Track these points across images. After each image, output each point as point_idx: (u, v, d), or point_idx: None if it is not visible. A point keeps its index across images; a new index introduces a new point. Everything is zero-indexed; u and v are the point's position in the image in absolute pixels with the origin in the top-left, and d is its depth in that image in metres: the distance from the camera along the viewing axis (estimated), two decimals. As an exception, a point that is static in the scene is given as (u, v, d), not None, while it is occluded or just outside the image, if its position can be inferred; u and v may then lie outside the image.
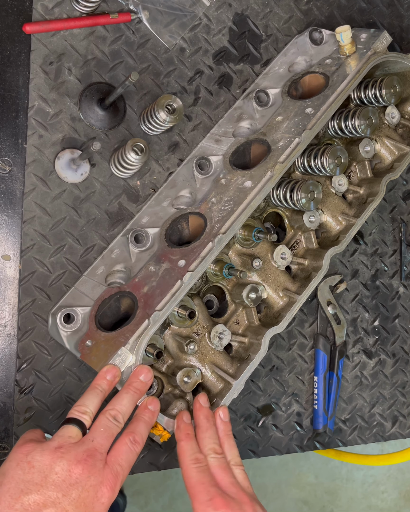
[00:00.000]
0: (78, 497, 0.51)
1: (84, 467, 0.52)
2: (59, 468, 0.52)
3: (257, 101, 0.80)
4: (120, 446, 0.56)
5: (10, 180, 0.70)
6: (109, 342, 0.64)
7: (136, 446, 0.57)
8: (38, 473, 0.52)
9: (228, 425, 0.67)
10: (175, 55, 0.79)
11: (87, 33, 0.74)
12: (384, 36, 0.78)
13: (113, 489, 0.54)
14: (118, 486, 0.54)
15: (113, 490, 0.53)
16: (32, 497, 0.50)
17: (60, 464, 0.52)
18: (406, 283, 0.98)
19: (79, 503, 0.51)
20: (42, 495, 0.51)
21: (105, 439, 0.55)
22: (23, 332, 0.71)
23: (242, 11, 0.83)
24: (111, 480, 0.53)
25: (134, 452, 0.57)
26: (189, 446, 0.64)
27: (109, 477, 0.53)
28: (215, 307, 0.79)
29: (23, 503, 0.50)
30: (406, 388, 0.99)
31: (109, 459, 0.55)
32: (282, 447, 0.89)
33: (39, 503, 0.50)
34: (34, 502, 0.50)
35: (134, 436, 0.58)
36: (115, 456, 0.55)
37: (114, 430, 0.57)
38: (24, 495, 0.50)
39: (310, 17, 0.87)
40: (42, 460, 0.53)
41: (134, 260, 0.72)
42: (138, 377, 0.60)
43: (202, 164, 0.76)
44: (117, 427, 0.57)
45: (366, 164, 0.86)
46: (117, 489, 0.54)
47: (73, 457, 0.53)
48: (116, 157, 0.73)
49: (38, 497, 0.50)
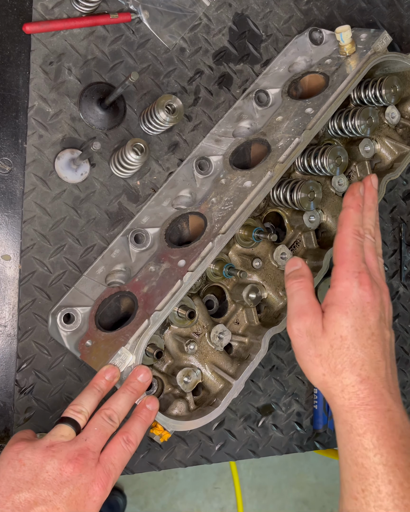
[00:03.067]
0: (69, 495, 0.51)
1: (76, 466, 0.52)
2: (50, 466, 0.52)
3: (257, 101, 0.80)
4: (113, 445, 0.56)
5: (10, 180, 0.70)
6: (109, 342, 0.64)
7: (129, 445, 0.57)
8: (29, 472, 0.52)
9: (374, 192, 0.66)
10: (175, 55, 0.79)
11: (87, 33, 0.74)
12: (384, 36, 0.78)
13: (105, 487, 0.53)
14: (111, 485, 0.54)
15: (105, 488, 0.53)
16: (23, 495, 0.50)
17: (51, 462, 0.52)
18: (406, 283, 0.98)
19: (70, 501, 0.51)
20: (33, 493, 0.51)
21: (98, 439, 0.55)
22: (23, 332, 0.71)
23: (242, 11, 0.83)
24: (103, 479, 0.53)
25: (127, 451, 0.57)
26: (357, 216, 0.62)
27: (101, 476, 0.53)
28: (215, 307, 0.79)
29: (14, 501, 0.50)
30: (406, 388, 0.99)
31: (102, 458, 0.55)
32: (282, 447, 0.89)
33: (30, 501, 0.50)
34: (25, 500, 0.50)
35: (128, 435, 0.57)
36: (108, 455, 0.55)
37: (109, 430, 0.57)
38: (15, 493, 0.50)
39: (310, 17, 0.87)
40: (33, 458, 0.53)
41: (134, 260, 0.72)
42: (136, 377, 0.60)
43: (202, 164, 0.76)
44: (112, 427, 0.57)
45: (366, 164, 0.86)
46: (109, 487, 0.54)
47: (65, 456, 0.53)
48: (116, 157, 0.73)
49: (29, 495, 0.50)
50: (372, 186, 0.66)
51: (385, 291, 0.61)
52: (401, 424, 0.56)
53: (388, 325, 0.61)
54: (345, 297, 0.58)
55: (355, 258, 0.60)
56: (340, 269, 0.60)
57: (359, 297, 0.58)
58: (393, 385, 0.58)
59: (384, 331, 0.60)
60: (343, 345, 0.57)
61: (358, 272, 0.59)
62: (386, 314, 0.61)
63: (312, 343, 0.59)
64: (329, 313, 0.59)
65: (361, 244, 0.61)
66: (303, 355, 0.60)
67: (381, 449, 0.54)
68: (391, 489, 0.53)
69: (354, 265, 0.59)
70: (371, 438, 0.55)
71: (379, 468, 0.54)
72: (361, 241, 0.61)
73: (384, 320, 0.60)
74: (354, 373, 0.57)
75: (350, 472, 0.56)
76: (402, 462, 0.54)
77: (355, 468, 0.56)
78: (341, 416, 0.57)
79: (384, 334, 0.60)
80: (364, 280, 0.59)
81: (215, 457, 0.84)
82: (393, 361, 0.61)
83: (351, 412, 0.56)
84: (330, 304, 0.59)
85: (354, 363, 0.57)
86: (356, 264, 0.59)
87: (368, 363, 0.57)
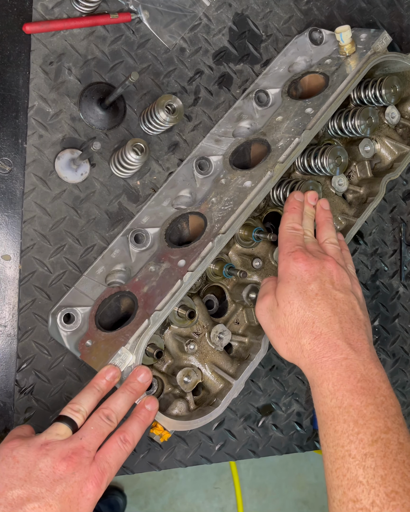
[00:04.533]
0: (62, 492, 0.51)
1: (69, 464, 0.52)
2: (43, 464, 0.52)
3: (257, 101, 0.80)
4: (110, 444, 0.56)
5: (10, 180, 0.70)
6: (109, 342, 0.64)
7: (126, 445, 0.57)
8: (23, 469, 0.52)
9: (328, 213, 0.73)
10: (175, 55, 0.79)
11: (87, 33, 0.74)
12: (384, 36, 0.78)
13: (100, 485, 0.53)
14: (105, 483, 0.54)
15: (99, 486, 0.53)
16: (15, 491, 0.51)
17: (44, 460, 0.52)
18: (406, 283, 0.98)
19: (63, 498, 0.51)
20: (26, 490, 0.51)
21: (94, 438, 0.55)
22: (23, 332, 0.71)
23: (242, 11, 0.83)
24: (97, 477, 0.53)
25: (124, 450, 0.57)
26: (292, 216, 0.70)
27: (95, 474, 0.53)
28: (215, 307, 0.79)
29: (7, 498, 0.50)
30: (406, 388, 0.99)
31: (97, 456, 0.55)
32: (282, 447, 0.89)
33: (23, 498, 0.50)
34: (18, 497, 0.50)
35: (125, 435, 0.57)
36: (103, 454, 0.55)
37: (106, 429, 0.56)
38: (8, 489, 0.51)
39: (310, 17, 0.87)
40: (27, 456, 0.53)
41: (134, 260, 0.72)
42: (136, 377, 0.60)
43: (202, 164, 0.76)
44: (110, 426, 0.57)
45: (366, 164, 0.86)
46: (104, 485, 0.54)
47: (58, 454, 0.53)
48: (116, 157, 0.73)
49: (22, 491, 0.51)
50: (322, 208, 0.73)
51: (327, 259, 0.66)
52: (361, 369, 0.59)
53: (339, 287, 0.65)
54: (285, 272, 0.65)
55: (288, 244, 0.67)
56: (279, 256, 0.67)
57: (296, 269, 0.65)
58: (353, 337, 0.61)
59: (332, 291, 0.64)
60: (292, 309, 0.63)
61: (291, 252, 0.66)
62: (334, 278, 0.65)
63: (271, 317, 0.65)
64: (277, 289, 0.66)
65: (299, 235, 0.68)
66: (268, 332, 0.66)
67: (336, 394, 0.58)
68: (345, 427, 0.56)
69: (287, 248, 0.67)
70: (327, 385, 0.59)
71: (335, 410, 0.57)
72: (298, 233, 0.69)
73: (331, 283, 0.65)
74: (307, 332, 0.62)
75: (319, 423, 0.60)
76: (358, 402, 0.57)
77: (319, 417, 0.60)
78: (307, 375, 0.62)
79: (333, 294, 0.64)
80: (298, 255, 0.65)
81: (215, 457, 0.84)
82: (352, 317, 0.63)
83: (311, 368, 0.61)
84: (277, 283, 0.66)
85: (305, 322, 0.62)
86: (290, 247, 0.67)
87: (318, 320, 0.62)
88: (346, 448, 0.55)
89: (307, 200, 0.72)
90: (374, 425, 0.55)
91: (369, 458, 0.53)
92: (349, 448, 0.55)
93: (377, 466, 0.53)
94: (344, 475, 0.54)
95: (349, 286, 0.66)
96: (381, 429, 0.55)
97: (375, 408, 0.56)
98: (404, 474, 0.52)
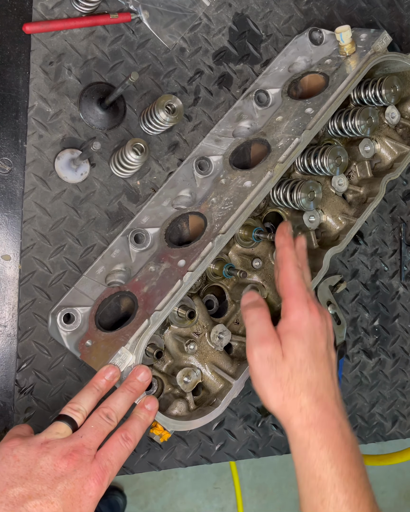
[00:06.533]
0: (63, 489, 0.51)
1: (70, 462, 0.52)
2: (44, 462, 0.52)
3: (257, 101, 0.80)
4: (111, 442, 0.56)
5: (10, 180, 0.70)
6: (109, 342, 0.64)
7: (128, 443, 0.57)
8: (24, 467, 0.52)
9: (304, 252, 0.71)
10: (175, 55, 0.79)
11: (87, 33, 0.74)
12: (384, 36, 0.78)
13: (101, 483, 0.53)
14: (107, 481, 0.54)
15: (101, 484, 0.53)
16: (17, 489, 0.51)
17: (45, 458, 0.52)
18: (406, 283, 0.98)
19: (65, 495, 0.51)
20: (27, 488, 0.51)
21: (94, 436, 0.55)
22: (23, 332, 0.71)
23: (242, 11, 0.83)
24: (99, 474, 0.53)
25: (125, 448, 0.57)
26: (293, 252, 0.68)
27: (97, 471, 0.53)
28: (215, 307, 0.79)
29: (8, 496, 0.50)
30: (406, 388, 0.99)
31: (99, 454, 0.55)
32: (282, 447, 0.89)
33: (24, 495, 0.50)
34: (19, 495, 0.50)
35: (127, 433, 0.57)
36: (105, 451, 0.55)
37: (106, 428, 0.57)
38: (9, 488, 0.51)
39: (310, 17, 0.87)
40: (28, 454, 0.53)
41: (134, 260, 0.72)
42: (136, 376, 0.60)
43: (202, 164, 0.76)
44: (110, 425, 0.57)
45: (366, 164, 0.86)
46: (106, 483, 0.54)
47: (59, 452, 0.53)
48: (116, 157, 0.73)
49: (23, 489, 0.51)
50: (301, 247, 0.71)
51: (327, 316, 0.67)
52: (350, 439, 0.61)
53: (332, 347, 0.67)
54: (299, 324, 0.63)
55: (301, 289, 0.65)
56: (290, 300, 0.64)
57: (311, 323, 0.63)
58: (340, 402, 0.64)
59: (331, 352, 0.66)
60: (302, 368, 0.62)
61: (306, 301, 0.64)
62: (331, 337, 0.66)
63: (273, 368, 0.62)
64: (287, 340, 0.63)
65: (302, 275, 0.67)
66: (263, 380, 0.63)
67: (336, 461, 0.59)
68: (347, 497, 0.58)
69: (302, 295, 0.64)
70: (327, 451, 0.59)
71: (335, 478, 0.58)
72: (301, 273, 0.67)
73: (330, 343, 0.66)
74: (310, 393, 0.61)
75: (309, 486, 0.60)
76: (355, 472, 0.59)
77: (313, 481, 0.60)
78: (298, 435, 0.61)
79: (331, 356, 0.66)
80: (313, 307, 0.64)
81: (215, 457, 0.84)
82: (337, 379, 0.66)
83: (309, 429, 0.60)
84: (286, 332, 0.63)
85: (310, 383, 0.62)
86: (303, 294, 0.64)
87: (322, 383, 0.62)
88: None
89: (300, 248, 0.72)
90: (368, 496, 0.59)
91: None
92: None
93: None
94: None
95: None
96: (372, 499, 0.60)
97: (365, 478, 0.60)
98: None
